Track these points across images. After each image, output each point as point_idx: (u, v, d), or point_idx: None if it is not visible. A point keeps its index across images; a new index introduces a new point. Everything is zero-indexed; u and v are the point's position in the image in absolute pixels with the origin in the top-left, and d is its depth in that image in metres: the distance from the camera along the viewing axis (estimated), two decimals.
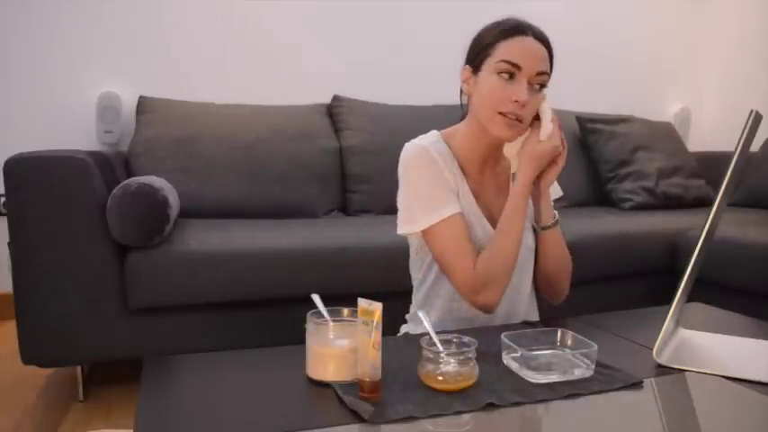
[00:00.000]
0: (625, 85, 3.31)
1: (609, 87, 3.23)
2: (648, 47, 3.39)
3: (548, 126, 1.15)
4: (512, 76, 1.11)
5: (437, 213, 1.14)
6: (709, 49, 3.54)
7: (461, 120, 1.27)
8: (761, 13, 3.23)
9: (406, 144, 1.20)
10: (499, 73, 1.12)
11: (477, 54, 1.16)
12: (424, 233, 1.17)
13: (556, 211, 1.24)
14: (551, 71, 1.16)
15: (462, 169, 1.21)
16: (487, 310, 1.15)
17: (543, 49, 1.14)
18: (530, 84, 1.12)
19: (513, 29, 1.14)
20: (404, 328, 1.31)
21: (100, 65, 2.49)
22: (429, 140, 1.21)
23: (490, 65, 1.13)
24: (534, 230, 1.25)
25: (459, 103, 1.25)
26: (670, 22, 3.46)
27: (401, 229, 1.20)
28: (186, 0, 2.58)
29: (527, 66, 1.11)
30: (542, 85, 1.14)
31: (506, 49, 1.12)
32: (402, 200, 1.19)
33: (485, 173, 1.24)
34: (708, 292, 1.46)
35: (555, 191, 1.29)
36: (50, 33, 2.41)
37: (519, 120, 1.12)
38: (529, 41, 1.13)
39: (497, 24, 1.16)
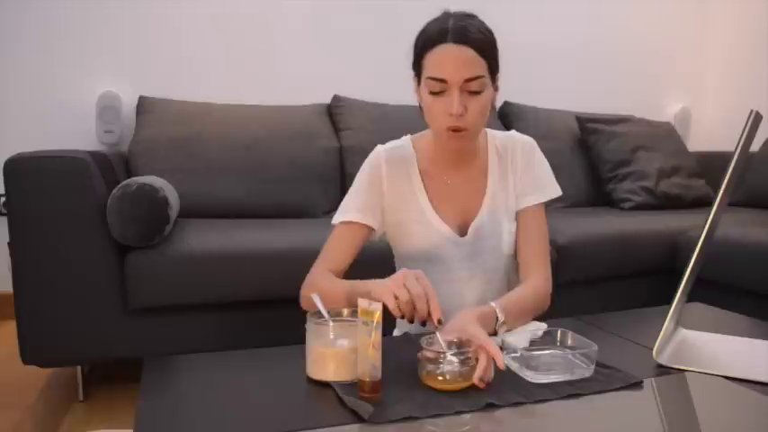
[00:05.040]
0: (625, 85, 3.30)
1: (609, 87, 3.23)
2: (648, 47, 3.39)
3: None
4: (442, 89, 1.08)
5: (340, 215, 1.21)
6: (709, 49, 3.54)
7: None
8: (761, 12, 3.22)
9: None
10: (430, 91, 1.10)
11: (414, 66, 1.15)
12: None
13: (499, 318, 1.04)
14: (494, 65, 1.11)
15: (426, 173, 1.22)
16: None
17: (467, 52, 1.07)
18: (463, 91, 1.08)
19: (431, 39, 1.09)
20: (397, 332, 1.31)
21: (100, 65, 2.49)
22: (392, 146, 1.24)
23: (423, 81, 1.12)
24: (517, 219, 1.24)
25: None
26: (670, 21, 3.45)
27: None
28: (186, 0, 2.58)
29: (452, 76, 1.07)
30: (479, 91, 1.08)
31: (430, 64, 1.09)
32: None
33: (457, 175, 1.22)
34: (708, 292, 1.46)
35: (554, 190, 1.26)
36: (50, 33, 2.41)
37: (463, 129, 1.10)
38: (449, 49, 1.07)
39: (423, 31, 1.12)
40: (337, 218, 1.21)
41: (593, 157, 2.83)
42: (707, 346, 1.09)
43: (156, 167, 2.10)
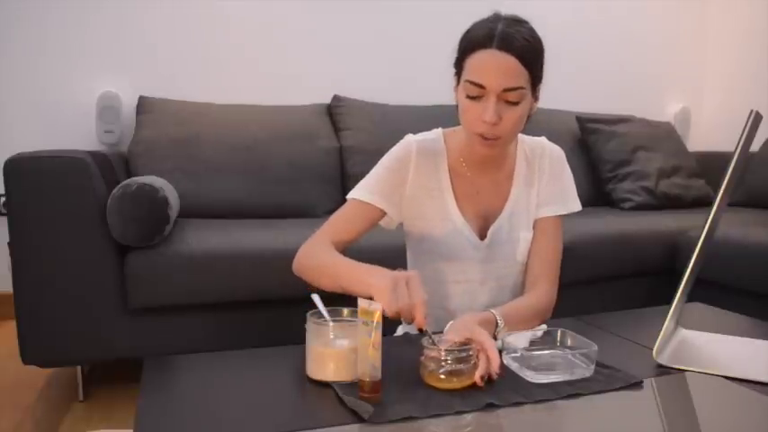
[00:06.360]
0: (625, 85, 3.30)
1: (609, 87, 3.23)
2: (648, 47, 3.39)
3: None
4: (479, 95, 1.05)
5: (356, 192, 1.19)
6: (709, 49, 3.54)
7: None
8: (761, 12, 3.22)
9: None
10: (467, 94, 1.06)
11: (456, 65, 1.12)
12: None
13: (499, 324, 1.04)
14: (536, 76, 1.07)
15: (454, 170, 1.20)
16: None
17: (510, 61, 1.03)
18: (500, 100, 1.04)
19: (476, 41, 1.05)
20: (401, 329, 1.31)
21: (100, 65, 2.49)
22: (424, 137, 1.21)
23: (461, 82, 1.09)
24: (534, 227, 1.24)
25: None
26: (670, 22, 3.46)
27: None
28: (186, 0, 2.58)
29: (491, 84, 1.03)
30: (516, 102, 1.05)
31: (471, 67, 1.05)
32: None
33: (484, 177, 1.21)
34: (708, 292, 1.46)
35: (575, 204, 1.26)
36: (50, 33, 2.41)
37: (495, 138, 1.08)
38: (492, 55, 1.03)
39: (469, 31, 1.08)
40: (353, 194, 1.19)
41: (594, 157, 2.83)
42: (707, 346, 1.08)
43: (156, 167, 2.10)
